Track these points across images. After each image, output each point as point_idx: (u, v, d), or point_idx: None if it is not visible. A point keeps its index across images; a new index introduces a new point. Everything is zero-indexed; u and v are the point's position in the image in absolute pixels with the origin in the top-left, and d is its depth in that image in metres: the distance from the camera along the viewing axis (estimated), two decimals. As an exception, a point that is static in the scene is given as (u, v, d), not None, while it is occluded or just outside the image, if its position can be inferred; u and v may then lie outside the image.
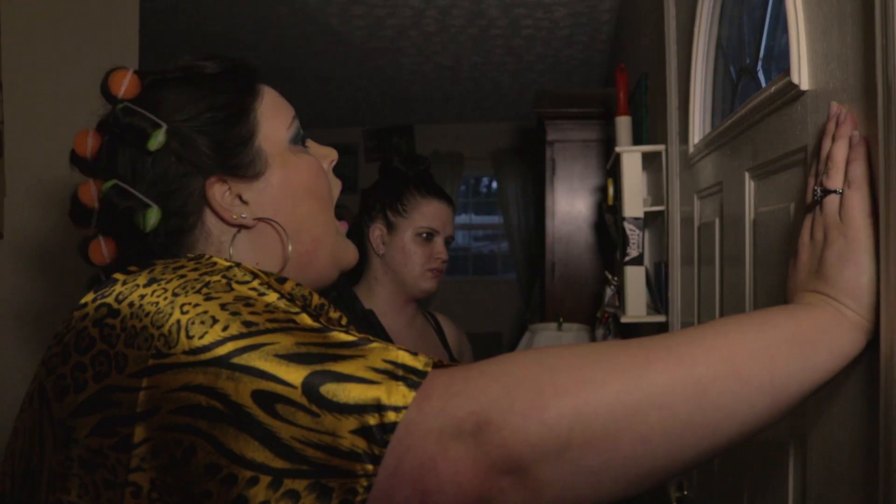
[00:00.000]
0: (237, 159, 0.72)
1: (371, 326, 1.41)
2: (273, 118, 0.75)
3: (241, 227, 0.72)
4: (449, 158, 5.35)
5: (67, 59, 1.77)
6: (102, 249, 0.72)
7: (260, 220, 0.72)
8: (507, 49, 3.64)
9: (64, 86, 1.75)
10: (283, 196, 0.74)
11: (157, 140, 0.69)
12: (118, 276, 0.62)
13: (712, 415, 0.53)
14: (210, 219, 0.72)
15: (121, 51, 1.83)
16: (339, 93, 4.55)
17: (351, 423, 0.50)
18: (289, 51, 3.69)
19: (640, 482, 0.53)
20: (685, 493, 1.38)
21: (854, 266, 0.59)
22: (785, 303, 0.66)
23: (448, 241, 1.54)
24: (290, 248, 0.73)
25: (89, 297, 0.61)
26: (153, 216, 0.68)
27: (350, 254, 0.82)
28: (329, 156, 0.81)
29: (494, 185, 5.70)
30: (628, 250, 1.70)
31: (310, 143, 0.80)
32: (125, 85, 0.71)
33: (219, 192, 0.71)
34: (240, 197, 0.72)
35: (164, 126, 0.69)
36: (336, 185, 0.82)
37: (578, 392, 0.51)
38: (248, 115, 0.74)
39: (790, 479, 0.82)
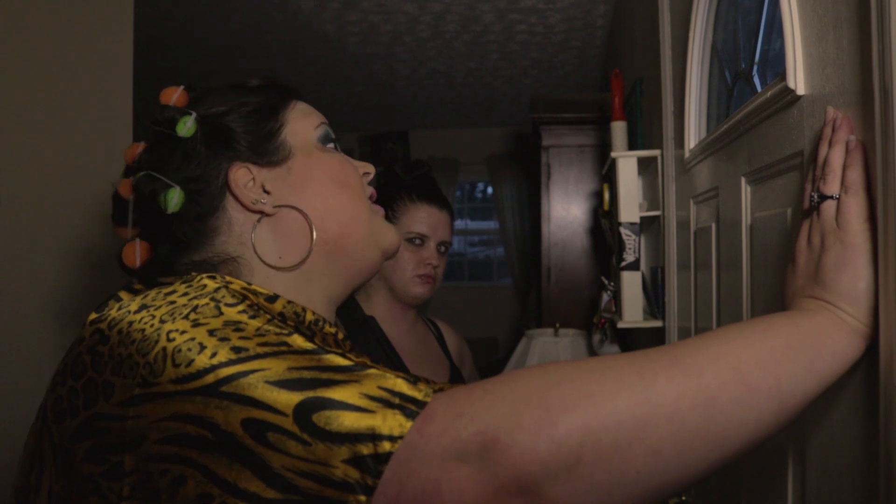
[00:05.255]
0: (262, 147, 0.74)
1: (371, 332, 1.41)
2: (301, 119, 0.79)
3: (261, 214, 0.73)
4: (444, 164, 5.35)
5: (62, 65, 1.76)
6: (135, 251, 0.73)
7: (280, 206, 0.73)
8: (502, 54, 3.64)
9: (59, 91, 1.74)
10: (304, 183, 0.74)
11: (186, 126, 0.71)
12: (122, 293, 0.63)
13: (722, 424, 0.52)
14: (232, 206, 0.73)
15: (115, 57, 1.83)
16: (334, 99, 4.55)
17: (343, 452, 0.49)
18: (283, 57, 3.69)
19: (650, 497, 0.52)
20: (683, 498, 1.37)
21: (852, 271, 0.59)
22: (782, 308, 0.66)
23: (443, 247, 1.53)
24: (314, 235, 0.73)
25: (93, 316, 0.61)
26: (175, 195, 0.70)
27: (390, 236, 0.80)
28: (364, 167, 0.82)
29: (490, 190, 5.71)
30: (624, 255, 1.70)
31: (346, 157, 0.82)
32: (175, 97, 0.75)
33: (242, 178, 0.73)
34: (263, 187, 0.73)
35: (193, 114, 0.72)
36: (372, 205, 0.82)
37: (587, 406, 0.50)
38: (277, 114, 0.77)
39: (789, 484, 0.82)
